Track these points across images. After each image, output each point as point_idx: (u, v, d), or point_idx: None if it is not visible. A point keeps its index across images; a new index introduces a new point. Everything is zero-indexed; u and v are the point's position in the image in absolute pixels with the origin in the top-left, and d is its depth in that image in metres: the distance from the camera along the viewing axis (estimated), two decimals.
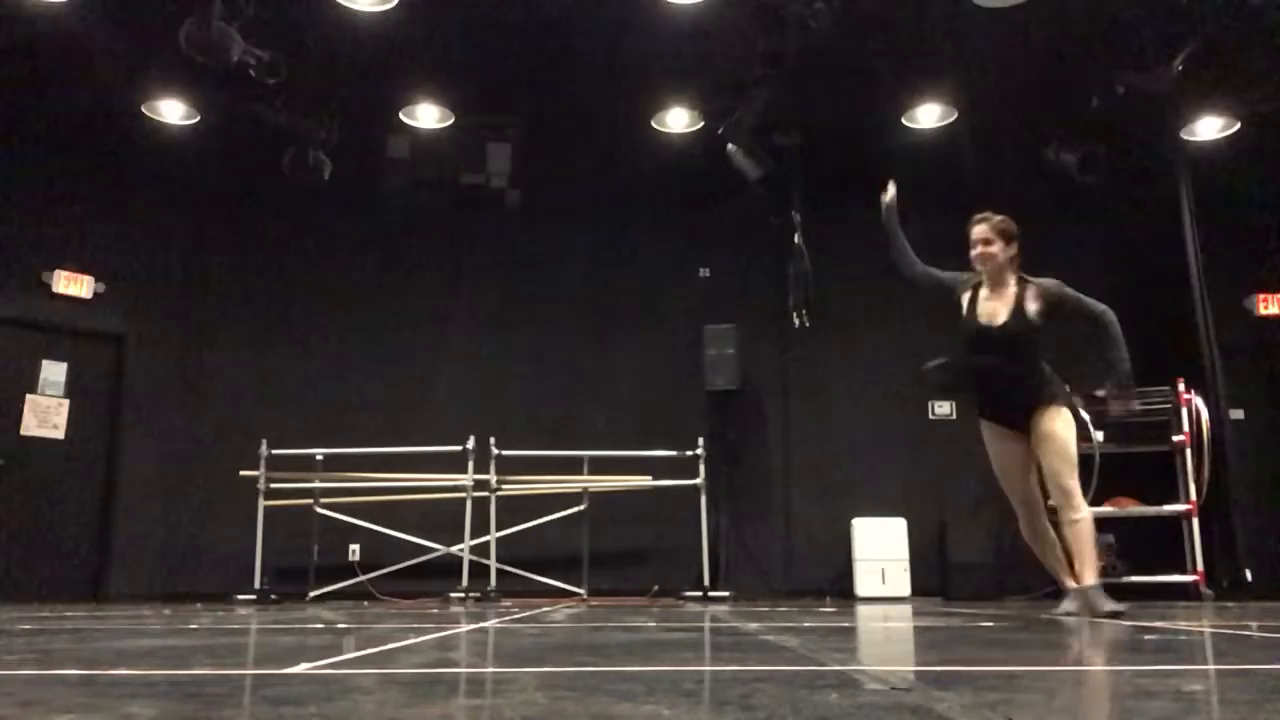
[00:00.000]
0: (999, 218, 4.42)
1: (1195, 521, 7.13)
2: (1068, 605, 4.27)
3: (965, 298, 4.43)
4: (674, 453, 7.63)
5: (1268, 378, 7.92)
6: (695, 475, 7.58)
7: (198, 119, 7.42)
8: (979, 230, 4.41)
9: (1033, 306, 4.29)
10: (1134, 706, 1.36)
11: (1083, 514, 4.17)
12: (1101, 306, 4.36)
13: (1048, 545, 4.47)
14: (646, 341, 8.34)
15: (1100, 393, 4.36)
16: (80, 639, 2.92)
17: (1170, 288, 7.59)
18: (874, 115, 7.50)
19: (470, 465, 7.37)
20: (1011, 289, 4.33)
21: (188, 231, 8.33)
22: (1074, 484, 4.20)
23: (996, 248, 4.34)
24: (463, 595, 7.13)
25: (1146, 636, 2.93)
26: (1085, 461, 7.30)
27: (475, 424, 7.53)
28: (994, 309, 4.33)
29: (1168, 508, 7.26)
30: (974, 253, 4.37)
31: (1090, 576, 4.15)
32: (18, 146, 7.40)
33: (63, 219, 7.77)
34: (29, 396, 7.58)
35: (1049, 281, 4.36)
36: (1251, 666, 2.06)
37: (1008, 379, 4.32)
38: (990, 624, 3.60)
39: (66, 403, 7.74)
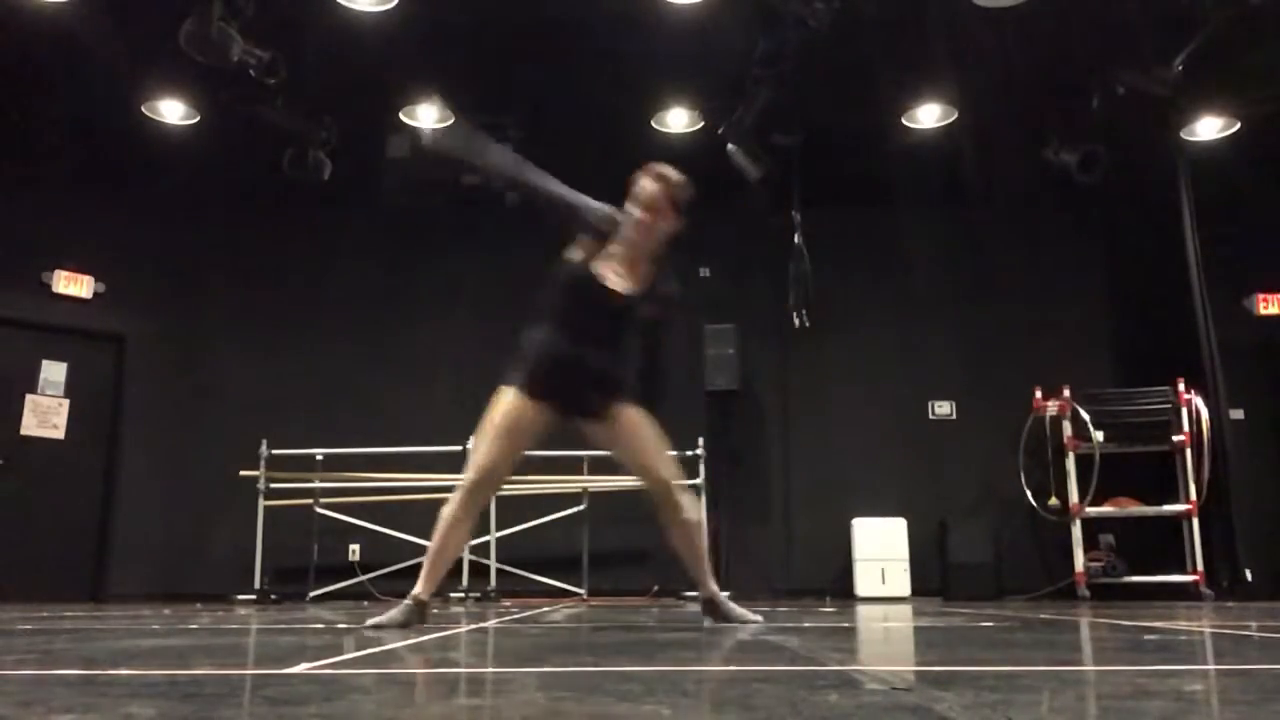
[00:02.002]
0: (678, 181, 3.54)
1: (1195, 521, 7.13)
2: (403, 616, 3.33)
3: (590, 244, 3.52)
4: (674, 453, 7.61)
5: (1268, 378, 7.93)
6: (695, 475, 7.58)
7: (198, 119, 7.41)
8: (665, 190, 3.49)
9: (657, 295, 3.55)
10: (1134, 706, 1.36)
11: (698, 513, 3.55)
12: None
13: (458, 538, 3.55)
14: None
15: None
16: (80, 639, 2.92)
17: (1170, 288, 7.59)
18: (874, 115, 7.50)
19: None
20: (648, 265, 3.51)
21: (188, 231, 8.32)
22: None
23: (670, 223, 3.50)
24: (463, 595, 7.13)
25: (1146, 636, 2.93)
26: (1085, 461, 7.38)
27: (475, 424, 7.48)
28: (622, 273, 3.48)
29: (1168, 508, 7.27)
30: (643, 216, 3.45)
31: (711, 584, 3.68)
32: (18, 146, 7.40)
33: (63, 219, 7.77)
34: (29, 396, 7.58)
35: (675, 285, 3.64)
36: (1251, 666, 2.06)
37: (605, 358, 3.54)
38: (990, 624, 3.60)
39: (66, 403, 7.74)
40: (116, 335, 8.02)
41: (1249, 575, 6.89)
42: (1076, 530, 7.31)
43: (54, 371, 7.72)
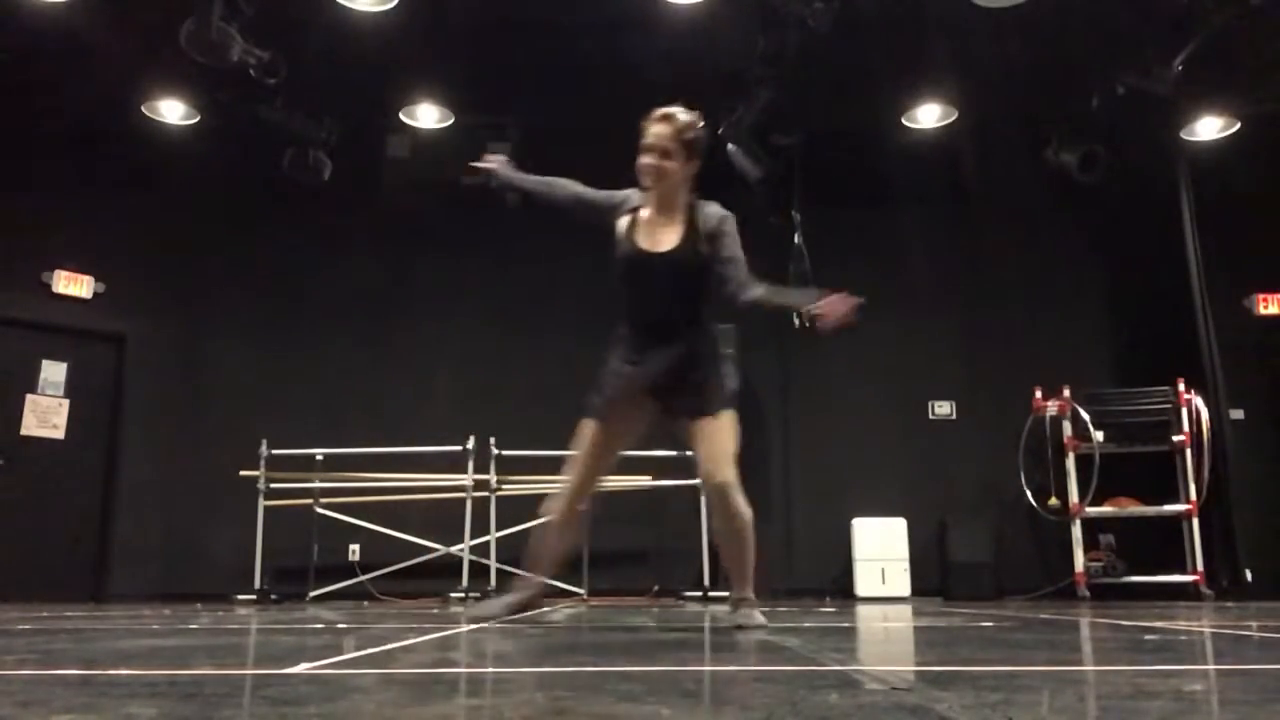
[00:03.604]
0: (686, 121, 3.42)
1: (1195, 521, 7.13)
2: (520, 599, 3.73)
3: (624, 221, 3.53)
4: (674, 453, 7.61)
5: (1268, 378, 7.92)
6: (695, 475, 7.57)
7: (198, 119, 7.42)
8: (658, 132, 3.39)
9: (704, 235, 3.41)
10: (1134, 706, 1.36)
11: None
12: (742, 275, 3.45)
13: (567, 532, 3.86)
14: None
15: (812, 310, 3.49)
16: (80, 639, 2.92)
17: (1170, 288, 7.60)
18: (874, 115, 7.50)
19: (470, 465, 7.36)
20: (682, 213, 3.44)
21: (188, 231, 8.32)
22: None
23: (675, 164, 3.38)
24: (463, 595, 7.12)
25: (1146, 636, 2.93)
26: (1085, 461, 7.38)
27: (475, 424, 7.52)
28: (659, 233, 3.45)
29: (1168, 508, 7.27)
30: (643, 162, 3.39)
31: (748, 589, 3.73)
32: (18, 147, 7.40)
33: (63, 219, 7.77)
34: (29, 396, 7.58)
35: (718, 209, 3.45)
36: (1251, 666, 2.06)
37: (668, 331, 3.51)
38: (990, 624, 3.60)
39: (66, 403, 7.74)
40: (116, 335, 8.01)
41: (1249, 575, 6.89)
42: (1076, 530, 7.31)
43: (54, 371, 7.72)
